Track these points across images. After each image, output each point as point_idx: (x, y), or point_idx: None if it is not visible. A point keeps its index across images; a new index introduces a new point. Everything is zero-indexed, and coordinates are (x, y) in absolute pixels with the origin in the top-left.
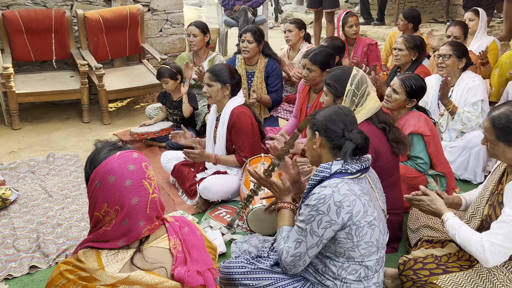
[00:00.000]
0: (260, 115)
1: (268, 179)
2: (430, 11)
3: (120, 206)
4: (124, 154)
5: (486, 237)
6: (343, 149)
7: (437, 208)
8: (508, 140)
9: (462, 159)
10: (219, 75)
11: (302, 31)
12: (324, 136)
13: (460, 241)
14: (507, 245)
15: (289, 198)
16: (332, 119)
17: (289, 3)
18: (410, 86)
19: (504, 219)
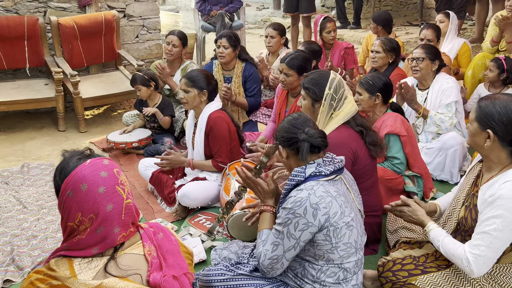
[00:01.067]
0: (239, 119)
1: (254, 179)
2: (405, 14)
3: (95, 213)
4: (94, 162)
5: (470, 249)
6: (300, 151)
7: (419, 219)
8: (482, 121)
9: (439, 160)
10: (196, 81)
11: (283, 38)
12: (286, 146)
13: (445, 252)
14: (490, 255)
15: (272, 201)
16: (286, 128)
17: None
18: (367, 83)
19: (485, 230)
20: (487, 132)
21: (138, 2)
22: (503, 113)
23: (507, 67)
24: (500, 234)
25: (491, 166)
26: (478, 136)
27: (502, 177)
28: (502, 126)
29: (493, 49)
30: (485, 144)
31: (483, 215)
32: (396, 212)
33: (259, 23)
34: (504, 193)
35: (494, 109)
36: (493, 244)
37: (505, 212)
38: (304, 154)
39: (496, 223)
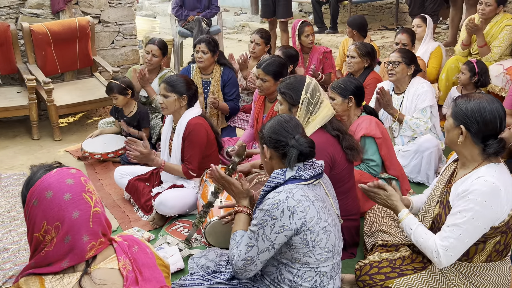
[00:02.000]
0: (218, 125)
1: (227, 178)
2: (381, 18)
3: (60, 221)
4: (61, 170)
5: (440, 241)
6: (287, 156)
7: (393, 204)
8: (456, 117)
9: (415, 162)
10: (175, 86)
11: (267, 46)
12: (271, 147)
13: (416, 242)
14: (459, 247)
15: (246, 202)
16: (275, 129)
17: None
18: (339, 87)
19: (455, 222)
20: (460, 128)
21: (114, 7)
22: (476, 110)
23: (478, 70)
24: (470, 227)
25: (465, 163)
26: (452, 132)
27: (475, 173)
28: (474, 123)
29: (465, 52)
30: (458, 140)
31: (454, 208)
32: (371, 194)
33: (237, 28)
34: (477, 188)
35: (469, 105)
36: (462, 236)
37: (476, 206)
38: (291, 161)
39: (467, 217)
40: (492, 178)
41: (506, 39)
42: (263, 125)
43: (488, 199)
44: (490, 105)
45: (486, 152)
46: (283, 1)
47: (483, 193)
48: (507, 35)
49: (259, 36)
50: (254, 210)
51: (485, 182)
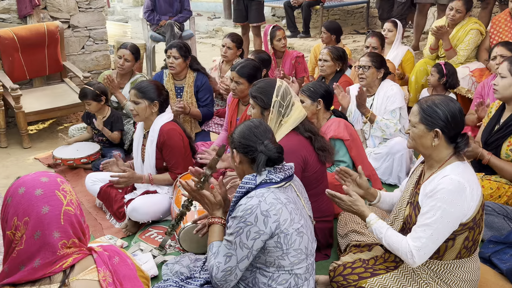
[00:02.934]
0: (191, 130)
1: (199, 192)
2: (352, 23)
3: (29, 216)
4: (40, 172)
5: (412, 242)
6: (256, 161)
7: (359, 209)
8: (428, 123)
9: (387, 164)
10: (146, 92)
11: (239, 50)
12: (241, 152)
13: (388, 245)
14: (431, 246)
15: (220, 212)
16: (244, 134)
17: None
18: (309, 90)
19: (426, 222)
20: (435, 131)
21: (83, 12)
22: (447, 111)
23: (446, 72)
24: (440, 226)
25: (433, 165)
26: (425, 137)
27: (441, 172)
28: (447, 123)
29: (433, 55)
30: (432, 143)
31: (423, 207)
32: (336, 200)
33: (210, 33)
34: (443, 187)
35: (438, 108)
36: (433, 235)
37: (444, 205)
38: (260, 167)
39: (436, 215)
40: (457, 176)
41: (472, 43)
42: (234, 129)
43: (455, 196)
44: (454, 104)
45: (458, 150)
46: (255, 6)
47: (449, 191)
48: (472, 38)
49: (231, 40)
50: (227, 219)
51: (450, 181)
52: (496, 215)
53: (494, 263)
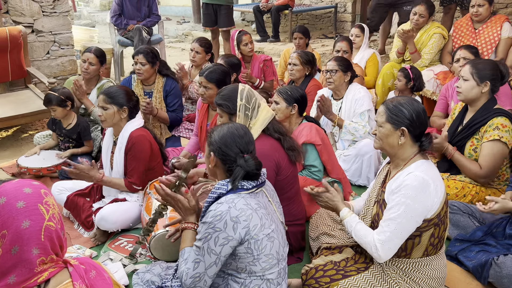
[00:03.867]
0: (161, 136)
1: (174, 195)
2: (321, 27)
3: (7, 229)
4: (23, 180)
5: (377, 236)
6: (233, 174)
7: (335, 204)
8: (395, 122)
9: (356, 166)
10: (115, 97)
11: (208, 55)
12: (219, 158)
13: (356, 238)
14: (395, 240)
15: (193, 218)
16: (227, 142)
17: (187, 21)
18: (286, 93)
19: (390, 217)
20: (401, 130)
21: (48, 16)
22: (412, 110)
23: (413, 76)
24: (404, 221)
25: (398, 164)
26: (391, 137)
27: (406, 170)
28: (413, 122)
29: (399, 59)
30: (399, 142)
31: (389, 203)
32: (314, 195)
33: (180, 37)
34: (408, 183)
35: (403, 107)
36: (397, 230)
37: (408, 200)
38: (236, 181)
39: (400, 210)
40: (421, 173)
41: (435, 46)
42: (213, 129)
43: (419, 192)
44: (418, 104)
45: (422, 148)
46: (225, 10)
47: (413, 187)
48: (436, 42)
49: (199, 45)
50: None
51: (415, 177)
52: (461, 214)
53: (460, 261)
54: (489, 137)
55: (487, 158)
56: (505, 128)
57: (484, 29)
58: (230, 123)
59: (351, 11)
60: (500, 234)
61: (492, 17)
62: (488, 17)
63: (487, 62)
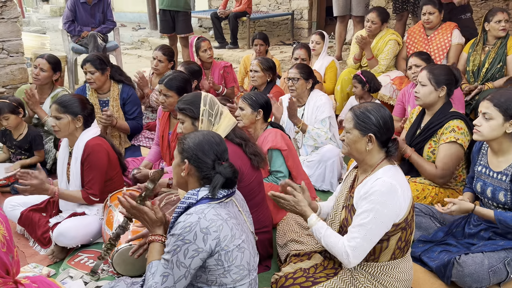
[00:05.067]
0: (120, 145)
1: (139, 207)
2: (278, 34)
3: None
4: None
5: (348, 242)
6: (212, 182)
7: (302, 209)
8: (362, 128)
9: (319, 171)
10: (69, 106)
11: (171, 63)
12: (194, 165)
13: (326, 245)
14: (366, 246)
15: (161, 230)
16: (204, 149)
17: (143, 28)
18: (251, 98)
19: (360, 223)
20: (368, 136)
21: None
22: (379, 116)
23: (366, 79)
24: (373, 226)
25: (366, 169)
26: (359, 143)
27: (374, 175)
28: (380, 128)
29: (356, 65)
30: (366, 148)
31: (358, 209)
32: (281, 201)
33: (136, 44)
34: (377, 189)
35: (371, 114)
36: (368, 235)
37: (377, 206)
38: (216, 189)
39: (370, 216)
40: (389, 178)
41: (391, 52)
42: (185, 136)
43: (387, 198)
44: (385, 110)
45: (389, 154)
46: (183, 17)
47: (382, 193)
48: (391, 48)
49: (162, 53)
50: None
51: (383, 183)
52: (423, 216)
53: (424, 262)
54: (446, 139)
55: (444, 159)
56: (461, 131)
57: (436, 35)
58: (204, 131)
59: (307, 18)
60: (459, 233)
61: (443, 24)
62: (438, 24)
63: (443, 67)
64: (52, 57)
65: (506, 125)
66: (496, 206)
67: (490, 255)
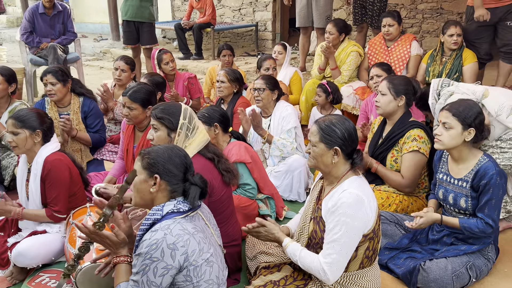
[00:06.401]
0: (82, 159)
1: (99, 233)
2: (243, 45)
3: None
4: None
5: (323, 259)
6: (190, 194)
7: (275, 236)
8: (328, 141)
9: (287, 182)
10: (26, 121)
11: (133, 73)
12: (165, 180)
13: (302, 265)
14: (342, 261)
15: (125, 251)
16: (174, 162)
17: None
18: (204, 116)
19: (333, 238)
20: (334, 149)
21: None
22: (343, 129)
23: (331, 90)
24: (347, 240)
25: (332, 181)
26: (325, 156)
27: (340, 187)
28: (345, 141)
29: (321, 76)
30: (332, 161)
31: (328, 224)
32: (253, 233)
33: (98, 55)
34: (344, 202)
35: (335, 127)
36: (343, 250)
37: (348, 219)
38: (194, 200)
39: (342, 230)
40: (355, 190)
41: (353, 63)
42: (150, 150)
43: (355, 210)
44: (349, 123)
45: (354, 165)
46: (147, 27)
47: (349, 205)
48: (353, 59)
49: (124, 62)
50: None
51: (349, 195)
52: (388, 223)
53: (390, 269)
54: (409, 149)
55: (408, 168)
56: (422, 139)
57: (396, 47)
58: (167, 145)
59: (271, 30)
60: (423, 240)
61: (402, 36)
62: (398, 36)
63: (402, 78)
64: (5, 69)
65: (465, 134)
66: (458, 212)
67: (453, 260)
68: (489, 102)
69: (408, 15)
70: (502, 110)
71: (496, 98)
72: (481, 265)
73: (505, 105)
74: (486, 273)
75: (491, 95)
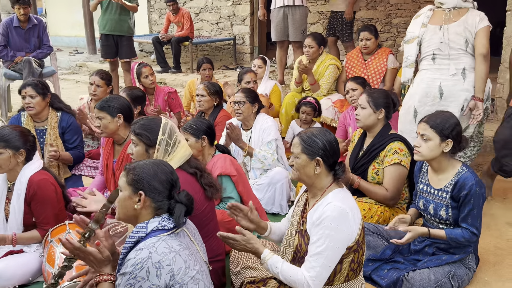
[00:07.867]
0: (60, 175)
1: (83, 249)
2: (221, 58)
3: None
4: None
5: (307, 272)
6: (175, 213)
7: (253, 247)
8: (309, 152)
9: (269, 194)
10: (9, 140)
11: (109, 87)
12: (150, 197)
13: (284, 279)
14: (325, 274)
15: (108, 269)
16: (160, 178)
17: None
18: (191, 128)
19: (317, 251)
20: (316, 160)
21: None
22: (324, 140)
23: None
24: (330, 253)
25: (316, 193)
26: (308, 167)
27: (324, 200)
28: (327, 152)
29: (299, 89)
30: (315, 172)
31: (312, 236)
32: (230, 241)
33: (73, 68)
34: (328, 215)
35: (317, 138)
36: (326, 263)
37: (332, 232)
38: (180, 218)
39: (325, 243)
40: (339, 202)
41: (331, 76)
42: (134, 165)
43: (339, 223)
44: (330, 135)
45: (336, 177)
46: (126, 41)
47: (334, 218)
48: (331, 73)
49: (100, 78)
50: (116, 276)
51: (334, 208)
52: (371, 234)
53: (374, 280)
54: (390, 161)
55: (391, 181)
56: (402, 152)
57: (373, 60)
58: (154, 160)
59: (249, 43)
60: (406, 250)
61: (379, 50)
62: (375, 49)
63: (381, 91)
64: None
65: (443, 145)
66: (439, 222)
67: (436, 270)
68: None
69: (383, 29)
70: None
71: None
72: (463, 274)
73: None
74: (467, 282)
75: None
